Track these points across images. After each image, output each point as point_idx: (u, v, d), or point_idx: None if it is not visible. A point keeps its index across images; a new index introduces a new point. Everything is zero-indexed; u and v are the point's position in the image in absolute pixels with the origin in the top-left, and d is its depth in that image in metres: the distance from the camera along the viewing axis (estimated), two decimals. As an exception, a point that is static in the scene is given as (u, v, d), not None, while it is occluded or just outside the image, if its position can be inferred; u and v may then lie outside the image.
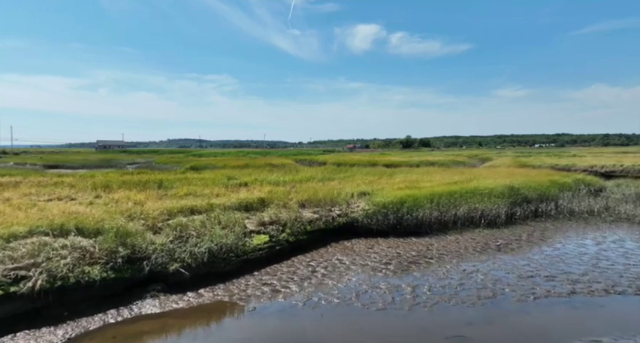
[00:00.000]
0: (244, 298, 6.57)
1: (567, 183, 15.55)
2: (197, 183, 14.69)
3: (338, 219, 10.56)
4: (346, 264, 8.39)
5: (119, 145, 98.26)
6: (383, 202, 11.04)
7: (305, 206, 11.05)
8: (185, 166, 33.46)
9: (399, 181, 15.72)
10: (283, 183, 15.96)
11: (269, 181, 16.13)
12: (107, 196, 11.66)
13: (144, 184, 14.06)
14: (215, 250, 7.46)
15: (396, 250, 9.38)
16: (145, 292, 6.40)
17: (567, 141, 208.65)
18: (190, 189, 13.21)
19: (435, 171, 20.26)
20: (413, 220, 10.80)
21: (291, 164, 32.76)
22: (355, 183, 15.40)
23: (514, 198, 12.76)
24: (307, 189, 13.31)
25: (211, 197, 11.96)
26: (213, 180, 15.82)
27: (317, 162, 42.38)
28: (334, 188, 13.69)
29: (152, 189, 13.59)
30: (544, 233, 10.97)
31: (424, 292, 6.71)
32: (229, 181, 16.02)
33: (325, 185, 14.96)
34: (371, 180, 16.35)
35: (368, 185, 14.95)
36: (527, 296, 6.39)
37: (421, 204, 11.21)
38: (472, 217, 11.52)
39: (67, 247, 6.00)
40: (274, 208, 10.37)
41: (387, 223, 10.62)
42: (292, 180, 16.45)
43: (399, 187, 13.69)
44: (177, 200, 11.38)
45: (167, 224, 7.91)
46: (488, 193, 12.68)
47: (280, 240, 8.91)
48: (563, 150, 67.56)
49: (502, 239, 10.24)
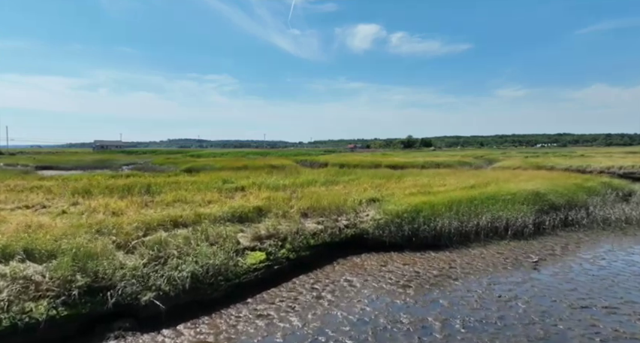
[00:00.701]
0: (233, 337, 5.26)
1: (593, 187, 14.22)
2: (189, 188, 13.39)
3: (345, 230, 9.25)
4: (357, 286, 7.08)
5: (117, 145, 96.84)
6: (396, 211, 9.73)
7: (307, 215, 9.73)
8: (181, 167, 32.16)
9: (409, 185, 14.41)
10: (283, 187, 14.66)
11: (267, 185, 14.83)
12: (85, 203, 10.38)
13: (129, 189, 12.76)
14: (199, 274, 6.15)
15: (414, 268, 8.06)
16: (108, 332, 5.08)
17: (569, 140, 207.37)
18: (179, 194, 11.91)
19: (446, 174, 18.93)
20: (431, 231, 9.48)
21: (291, 165, 31.47)
22: (362, 188, 14.09)
23: (541, 204, 11.43)
24: (310, 194, 12.00)
25: (202, 204, 10.67)
26: (207, 184, 14.51)
27: (318, 162, 41.06)
28: (340, 193, 12.39)
29: (138, 194, 12.30)
30: (579, 246, 9.65)
31: (458, 329, 5.38)
32: (224, 185, 14.72)
33: (329, 190, 13.65)
34: (378, 184, 15.04)
35: (376, 189, 13.65)
36: (591, 338, 5.07)
37: (438, 213, 9.89)
38: (496, 227, 10.20)
39: (5, 278, 4.69)
40: (272, 218, 9.06)
41: (402, 234, 9.30)
42: (293, 184, 15.15)
43: (411, 192, 12.37)
44: (163, 208, 10.09)
45: (143, 241, 6.59)
46: (511, 199, 11.36)
47: (279, 257, 7.60)
48: (570, 151, 66.12)
49: (534, 254, 8.92)
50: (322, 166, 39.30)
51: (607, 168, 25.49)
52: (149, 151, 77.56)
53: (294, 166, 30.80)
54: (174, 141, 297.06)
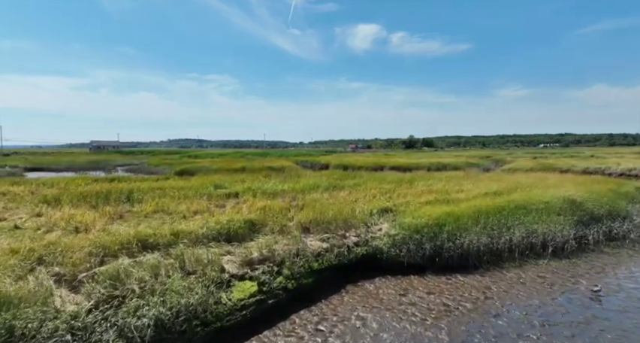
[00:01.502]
0: None
1: (631, 193, 12.67)
2: (175, 195, 11.85)
3: (355, 249, 7.69)
4: (373, 328, 5.54)
5: (114, 146, 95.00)
6: (415, 225, 8.18)
7: (310, 230, 8.19)
8: (175, 169, 30.61)
9: (423, 191, 12.85)
10: (282, 193, 13.12)
11: (264, 191, 13.30)
12: (50, 214, 8.86)
13: (107, 196, 11.23)
14: (167, 319, 4.62)
15: (442, 299, 6.52)
16: None
17: (571, 140, 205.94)
18: (162, 203, 10.38)
19: (460, 177, 17.36)
20: (456, 249, 7.93)
21: (291, 166, 29.95)
22: (370, 194, 12.55)
23: (579, 215, 9.87)
24: (311, 203, 10.48)
25: (187, 216, 9.16)
26: (196, 190, 12.98)
27: (319, 164, 39.54)
28: (346, 202, 10.85)
29: (116, 203, 10.78)
30: (635, 266, 8.10)
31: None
32: (216, 191, 13.18)
33: (333, 197, 12.11)
34: (388, 190, 13.50)
35: (386, 196, 12.11)
36: None
37: (464, 227, 8.34)
38: (532, 244, 8.64)
39: None
40: (268, 235, 7.53)
41: (423, 254, 7.75)
42: (292, 190, 13.61)
43: (427, 200, 10.82)
44: (140, 221, 8.57)
45: (95, 274, 5.05)
46: (545, 209, 9.81)
47: (274, 288, 6.06)
48: (577, 151, 64.51)
49: (584, 278, 7.37)
50: (323, 168, 37.76)
51: (627, 170, 23.93)
52: (147, 151, 75.94)
53: (294, 168, 29.27)
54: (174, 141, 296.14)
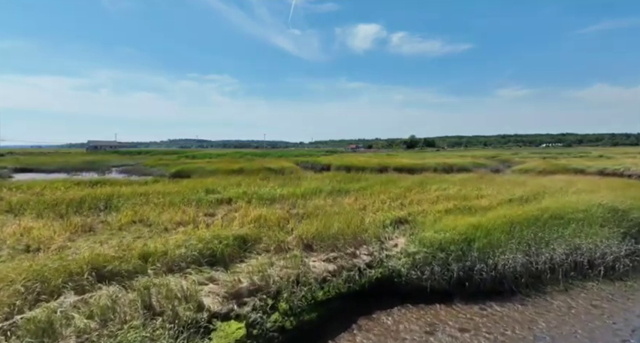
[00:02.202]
0: None
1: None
2: (160, 202, 10.53)
3: (368, 272, 6.34)
4: (398, 386, 4.19)
5: (112, 146, 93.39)
6: (439, 240, 6.83)
7: (312, 248, 6.84)
8: (170, 171, 29.28)
9: (438, 197, 11.49)
10: (280, 198, 11.78)
11: (261, 196, 11.96)
12: (6, 225, 7.52)
13: (81, 204, 9.90)
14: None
15: (479, 339, 5.17)
16: None
17: (572, 140, 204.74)
18: (143, 212, 9.05)
19: (475, 180, 15.99)
20: (490, 270, 6.57)
21: (291, 168, 28.61)
22: (379, 200, 11.20)
23: (626, 226, 8.50)
24: (314, 211, 9.15)
25: (168, 227, 7.83)
26: (185, 196, 11.64)
27: (320, 164, 38.18)
28: (353, 210, 9.50)
29: (91, 211, 9.46)
30: (702, 291, 6.74)
31: None
32: (207, 197, 11.85)
33: (338, 203, 10.77)
34: (398, 195, 12.15)
35: (397, 203, 10.76)
36: None
37: (497, 243, 6.98)
38: (577, 263, 7.27)
39: None
40: (262, 255, 6.19)
41: (450, 276, 6.40)
42: (292, 195, 12.27)
43: (446, 208, 9.47)
44: (111, 234, 7.24)
45: (16, 323, 3.69)
46: (584, 219, 8.45)
47: (268, 330, 4.71)
48: (584, 151, 63.10)
49: (649, 308, 6.01)
50: (325, 169, 36.38)
51: (648, 171, 22.55)
52: (145, 152, 74.53)
53: (294, 169, 27.93)
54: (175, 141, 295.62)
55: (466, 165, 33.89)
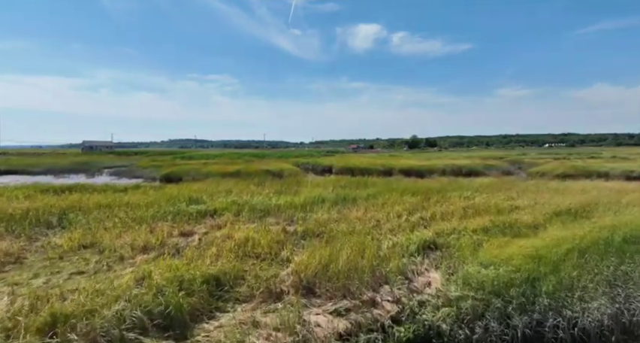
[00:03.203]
0: None
1: None
2: (129, 215, 8.62)
3: (396, 331, 4.40)
4: None
5: (108, 146, 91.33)
6: (490, 279, 4.90)
7: (315, 290, 4.90)
8: (161, 173, 27.36)
9: (465, 208, 9.55)
10: (276, 210, 9.89)
11: (253, 206, 10.07)
12: None
13: (25, 217, 7.98)
14: None
15: None
16: None
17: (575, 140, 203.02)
18: (99, 232, 7.14)
19: (497, 186, 14.03)
20: (569, 327, 4.63)
21: (291, 170, 26.68)
22: (394, 212, 9.28)
23: None
24: (316, 229, 7.24)
25: (127, 255, 5.93)
26: (162, 207, 9.74)
27: (321, 166, 36.26)
28: (364, 226, 7.58)
29: (36, 229, 7.55)
30: None
31: None
32: (189, 208, 9.94)
33: (344, 216, 8.86)
34: (415, 205, 10.23)
35: (417, 216, 8.83)
36: None
37: (569, 283, 5.05)
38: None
39: None
40: (243, 305, 4.28)
41: (512, 336, 4.47)
42: (290, 205, 10.38)
43: (481, 225, 7.53)
44: (42, 268, 5.35)
45: None
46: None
47: None
48: (593, 151, 61.13)
49: None
50: (326, 170, 34.45)
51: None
52: (141, 152, 72.58)
53: (293, 172, 25.98)
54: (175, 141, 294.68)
55: (476, 166, 31.94)
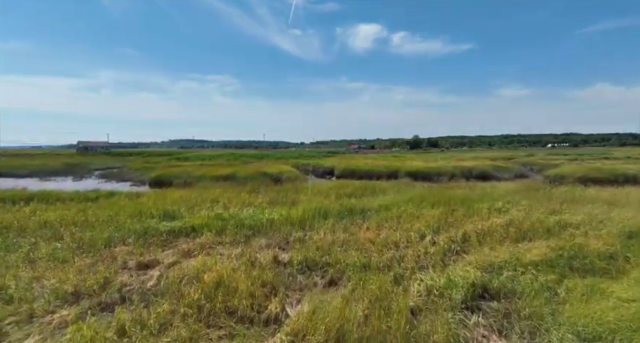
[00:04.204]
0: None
1: None
2: (79, 236, 6.74)
3: None
4: None
5: (103, 146, 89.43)
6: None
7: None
8: (150, 176, 25.48)
9: (504, 226, 7.63)
10: (268, 226, 8.01)
11: (241, 222, 8.20)
12: None
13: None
14: None
15: None
16: None
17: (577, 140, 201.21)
18: (15, 268, 5.26)
19: (527, 193, 12.08)
20: None
21: (289, 173, 24.76)
22: (415, 229, 7.38)
23: None
24: (318, 260, 5.35)
25: (38, 312, 4.04)
26: (125, 225, 7.86)
27: (322, 167, 34.38)
28: (379, 253, 5.67)
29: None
30: None
31: None
32: (160, 224, 8.07)
33: (353, 235, 6.95)
34: (438, 220, 8.32)
35: (445, 238, 6.93)
36: None
37: None
38: None
39: None
40: None
41: None
42: (286, 220, 8.50)
43: (543, 256, 5.62)
44: None
45: None
46: None
47: None
48: (603, 152, 59.14)
49: None
50: (327, 173, 32.58)
51: None
52: (136, 153, 70.72)
53: (292, 175, 24.06)
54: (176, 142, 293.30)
55: (487, 169, 29.95)
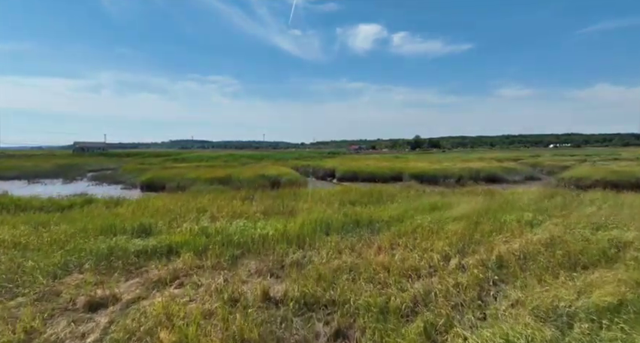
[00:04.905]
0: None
1: None
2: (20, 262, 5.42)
3: None
4: None
5: (100, 147, 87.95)
6: None
7: None
8: (141, 179, 24.14)
9: (542, 242, 6.28)
10: (260, 245, 6.68)
11: (229, 238, 6.89)
12: None
13: None
14: None
15: None
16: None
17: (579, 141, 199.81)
18: None
19: (550, 197, 10.72)
20: None
21: (289, 176, 23.42)
22: (436, 248, 6.04)
23: None
24: (319, 294, 4.00)
25: None
26: (88, 242, 6.54)
27: (323, 169, 33.06)
28: (404, 297, 4.34)
29: None
30: None
31: None
32: (130, 243, 6.75)
33: (363, 261, 5.62)
34: (460, 234, 6.98)
35: (475, 260, 5.59)
36: None
37: None
38: None
39: None
40: None
41: None
42: (282, 236, 7.18)
43: (611, 295, 4.29)
44: None
45: None
46: None
47: None
48: (612, 152, 57.74)
49: None
50: (328, 175, 31.26)
51: None
52: (133, 153, 69.36)
53: (292, 178, 22.70)
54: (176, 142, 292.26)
55: (495, 171, 28.55)
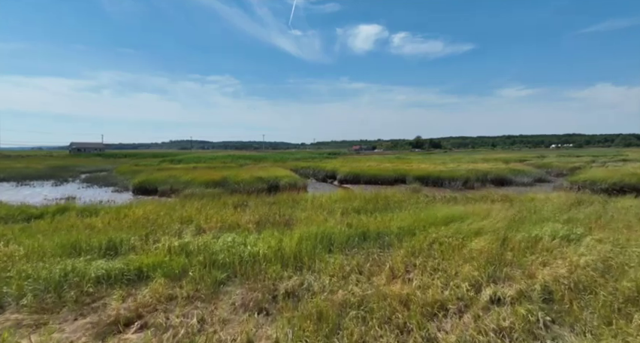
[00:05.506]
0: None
1: None
2: None
3: None
4: None
5: (97, 147, 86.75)
6: None
7: None
8: (133, 182, 23.00)
9: (589, 267, 5.16)
10: (249, 267, 5.56)
11: (212, 257, 5.78)
12: None
13: None
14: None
15: None
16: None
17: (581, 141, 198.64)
18: None
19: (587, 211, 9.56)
20: None
21: (288, 179, 22.26)
22: (462, 274, 4.91)
23: None
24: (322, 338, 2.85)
25: None
26: (37, 266, 5.41)
27: (324, 171, 31.86)
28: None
29: None
30: None
31: None
32: (93, 265, 5.62)
33: (375, 292, 4.48)
34: (487, 254, 5.85)
35: (516, 293, 4.46)
36: None
37: None
38: None
39: None
40: None
41: None
42: (275, 255, 6.05)
43: None
44: None
45: None
46: None
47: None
48: (616, 152, 56.54)
49: None
50: (329, 176, 30.11)
51: None
52: (130, 154, 68.27)
53: (291, 181, 21.54)
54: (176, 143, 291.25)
55: (503, 172, 27.30)
